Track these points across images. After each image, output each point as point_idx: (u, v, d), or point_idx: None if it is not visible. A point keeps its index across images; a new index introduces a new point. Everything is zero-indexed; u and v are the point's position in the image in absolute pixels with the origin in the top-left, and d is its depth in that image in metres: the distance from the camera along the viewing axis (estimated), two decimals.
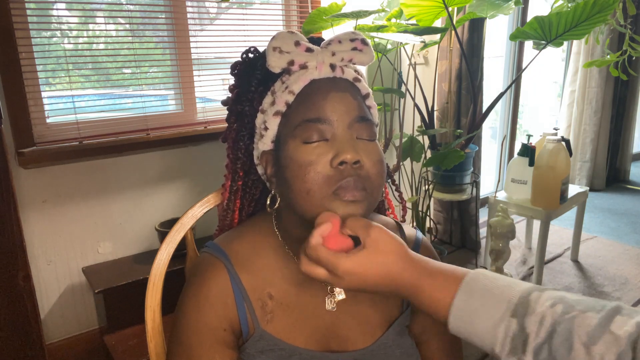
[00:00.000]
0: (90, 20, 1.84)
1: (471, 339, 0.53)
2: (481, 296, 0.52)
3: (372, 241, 0.55)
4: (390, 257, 0.54)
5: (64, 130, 1.72)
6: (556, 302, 0.49)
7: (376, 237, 0.55)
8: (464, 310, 0.52)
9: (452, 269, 0.55)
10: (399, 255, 0.55)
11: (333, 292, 0.67)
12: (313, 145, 0.59)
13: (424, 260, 0.56)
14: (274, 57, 0.61)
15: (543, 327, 0.48)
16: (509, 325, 0.49)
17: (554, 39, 1.79)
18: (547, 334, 0.48)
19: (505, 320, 0.50)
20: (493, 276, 0.53)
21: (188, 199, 2.01)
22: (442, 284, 0.54)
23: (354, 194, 0.58)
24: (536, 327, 0.48)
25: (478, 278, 0.53)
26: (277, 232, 0.68)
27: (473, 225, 2.61)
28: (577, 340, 0.46)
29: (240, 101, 0.67)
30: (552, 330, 0.47)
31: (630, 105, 3.77)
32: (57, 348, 1.79)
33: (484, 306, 0.51)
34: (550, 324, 0.48)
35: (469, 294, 0.52)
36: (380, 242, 0.55)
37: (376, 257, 0.54)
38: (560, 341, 0.47)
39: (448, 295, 0.53)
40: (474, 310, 0.51)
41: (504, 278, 0.53)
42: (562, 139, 2.12)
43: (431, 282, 0.54)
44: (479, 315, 0.51)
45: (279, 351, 0.64)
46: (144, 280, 1.68)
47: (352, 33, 0.65)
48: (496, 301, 0.51)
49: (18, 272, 1.29)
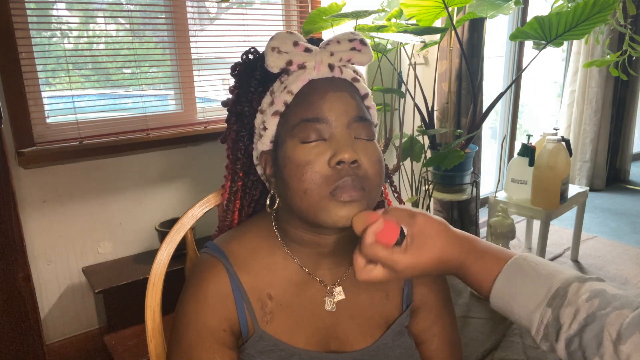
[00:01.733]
0: (91, 20, 1.84)
1: (512, 318, 0.55)
2: (521, 282, 0.53)
3: (420, 229, 0.57)
4: (439, 240, 0.57)
5: (64, 130, 1.72)
6: (594, 295, 0.49)
7: (422, 223, 0.57)
8: (504, 293, 0.54)
9: (499, 250, 0.58)
10: (446, 236, 0.58)
11: (332, 292, 0.67)
12: (311, 145, 0.59)
13: (472, 239, 0.59)
14: (273, 57, 0.61)
15: (576, 320, 0.49)
16: (544, 314, 0.51)
17: (554, 39, 1.79)
18: (579, 327, 0.49)
19: (541, 309, 0.51)
20: (535, 263, 0.55)
21: (188, 199, 2.01)
22: (486, 265, 0.56)
23: (352, 193, 0.58)
24: (570, 319, 0.49)
25: (521, 263, 0.55)
26: (276, 232, 0.68)
27: (473, 225, 2.61)
28: (607, 337, 0.47)
29: (240, 102, 0.67)
30: (585, 325, 0.48)
31: (630, 105, 3.77)
32: (57, 348, 1.79)
33: (523, 292, 0.53)
34: (584, 317, 0.49)
35: (509, 278, 0.54)
36: (427, 228, 0.57)
37: (427, 245, 0.57)
38: (591, 336, 0.48)
39: (490, 276, 0.56)
40: (513, 294, 0.54)
41: (546, 265, 0.55)
42: (562, 139, 2.12)
43: (477, 263, 0.57)
44: (517, 299, 0.53)
45: (279, 352, 0.64)
46: (144, 280, 1.68)
47: (351, 33, 0.65)
48: (535, 288, 0.53)
49: (18, 272, 1.29)
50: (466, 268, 0.57)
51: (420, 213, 0.58)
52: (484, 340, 1.77)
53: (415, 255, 0.56)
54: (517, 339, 1.79)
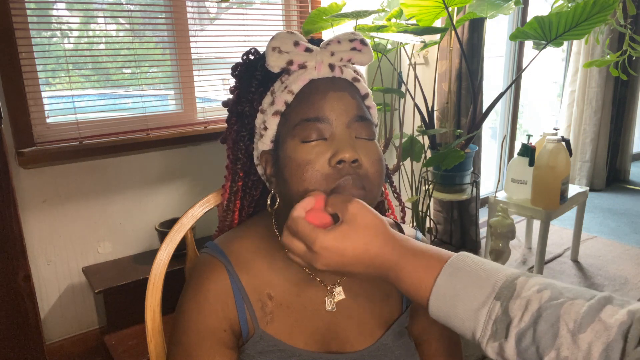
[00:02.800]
0: (91, 20, 1.84)
1: (451, 323, 0.50)
2: (465, 278, 0.49)
3: (351, 216, 0.53)
4: (369, 232, 0.52)
5: (64, 130, 1.72)
6: (543, 287, 0.47)
7: (354, 212, 0.53)
8: (446, 292, 0.49)
9: (436, 250, 0.53)
10: (378, 230, 0.53)
11: (333, 292, 0.67)
12: (312, 145, 0.59)
13: (406, 239, 0.54)
14: (273, 57, 0.61)
15: (528, 311, 0.46)
16: (492, 308, 0.47)
17: (554, 39, 1.79)
18: (532, 319, 0.45)
19: (489, 303, 0.47)
20: (479, 259, 0.51)
21: (188, 199, 2.01)
22: (425, 264, 0.51)
23: (352, 192, 0.58)
24: (521, 311, 0.46)
25: (463, 260, 0.51)
26: (277, 232, 0.68)
27: (473, 225, 2.61)
28: (563, 327, 0.44)
29: (241, 102, 0.68)
30: (538, 316, 0.45)
31: (630, 105, 3.77)
32: (57, 348, 1.79)
33: (468, 288, 0.49)
34: (536, 309, 0.45)
35: (452, 275, 0.50)
36: (359, 217, 0.53)
37: (354, 232, 0.52)
38: (545, 327, 0.44)
39: (430, 275, 0.50)
40: (456, 291, 0.49)
41: (489, 262, 0.51)
42: (562, 139, 2.12)
43: (413, 262, 0.52)
44: (461, 297, 0.49)
45: (279, 352, 0.64)
46: (144, 280, 1.68)
47: (351, 33, 0.65)
48: (481, 283, 0.48)
49: (18, 272, 1.29)
50: (399, 269, 0.52)
51: (357, 201, 0.54)
52: None
53: (338, 239, 0.51)
54: None
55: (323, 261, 0.52)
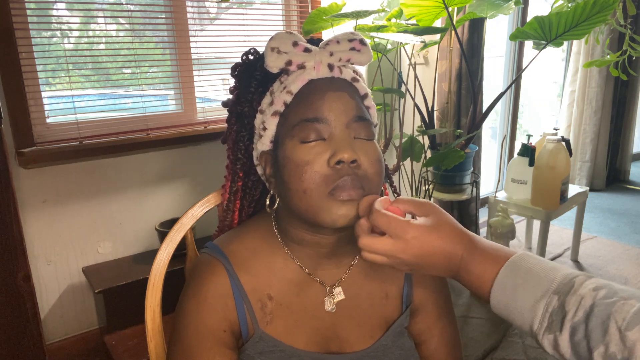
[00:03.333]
0: (91, 20, 1.84)
1: (510, 316, 0.53)
2: (525, 274, 0.52)
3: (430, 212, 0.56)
4: (448, 228, 0.56)
5: (64, 130, 1.72)
6: (600, 287, 0.49)
7: (434, 210, 0.57)
8: (507, 286, 0.53)
9: (501, 247, 0.56)
10: (455, 228, 0.56)
11: (332, 293, 0.67)
12: (310, 145, 0.59)
13: (475, 237, 0.57)
14: (272, 57, 0.61)
15: (582, 306, 0.48)
16: (550, 301, 0.50)
17: (554, 39, 1.79)
18: (584, 314, 0.47)
19: (547, 296, 0.50)
20: (540, 259, 0.54)
21: (188, 199, 2.01)
22: (490, 259, 0.55)
23: (351, 193, 0.58)
24: (575, 306, 0.48)
25: (525, 257, 0.54)
26: (276, 232, 0.68)
27: (473, 225, 2.61)
28: (612, 324, 0.45)
29: (240, 102, 0.68)
30: (590, 312, 0.47)
31: (630, 105, 3.77)
32: (57, 348, 1.79)
33: (528, 283, 0.52)
34: (590, 305, 0.47)
35: (513, 271, 0.53)
36: (438, 214, 0.56)
37: (439, 227, 0.55)
38: (596, 323, 0.46)
39: (494, 270, 0.54)
40: (517, 285, 0.52)
41: (549, 262, 0.54)
42: (562, 139, 2.12)
43: (480, 257, 0.55)
44: (521, 291, 0.52)
45: (279, 352, 0.64)
46: (144, 280, 1.69)
47: (351, 33, 0.65)
48: (540, 279, 0.51)
49: (18, 272, 1.29)
50: (467, 263, 0.55)
51: (427, 202, 0.58)
52: (484, 340, 1.77)
53: (427, 230, 0.54)
54: (517, 339, 1.79)
55: (412, 251, 0.54)
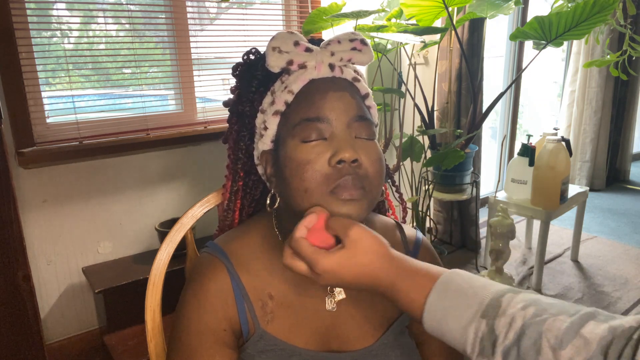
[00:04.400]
0: (91, 20, 1.84)
1: (445, 339, 0.52)
2: (454, 296, 0.51)
3: (351, 241, 0.55)
4: (368, 257, 0.54)
5: (64, 130, 1.72)
6: (528, 304, 0.48)
7: (355, 237, 0.55)
8: (437, 310, 0.51)
9: (429, 268, 0.55)
10: (377, 254, 0.55)
11: (333, 292, 0.67)
12: (312, 144, 0.59)
13: (403, 259, 0.56)
14: (273, 57, 0.61)
15: (512, 329, 0.47)
16: (478, 326, 0.49)
17: (554, 39, 1.79)
18: (515, 336, 0.47)
19: (475, 321, 0.49)
20: (468, 277, 0.53)
21: (188, 199, 2.01)
22: (418, 283, 0.53)
23: (352, 192, 0.58)
24: (505, 328, 0.47)
25: (452, 278, 0.52)
26: (277, 232, 0.68)
27: (473, 225, 2.61)
28: (545, 344, 0.45)
29: (241, 102, 0.68)
30: (521, 333, 0.46)
31: (630, 105, 3.77)
32: (57, 348, 1.79)
33: (456, 306, 0.50)
34: (520, 326, 0.47)
35: (442, 294, 0.52)
36: (359, 242, 0.55)
37: (354, 257, 0.54)
38: (529, 344, 0.46)
39: (423, 294, 0.53)
40: (446, 309, 0.51)
41: (479, 279, 0.53)
42: (562, 139, 2.12)
43: (408, 282, 0.54)
44: (450, 315, 0.51)
45: (279, 351, 0.64)
46: (144, 280, 1.69)
47: (352, 33, 0.65)
48: (468, 302, 0.50)
49: (18, 272, 1.29)
50: (396, 289, 0.54)
51: (358, 226, 0.56)
52: None
53: (339, 264, 0.54)
54: None
55: (324, 282, 0.55)
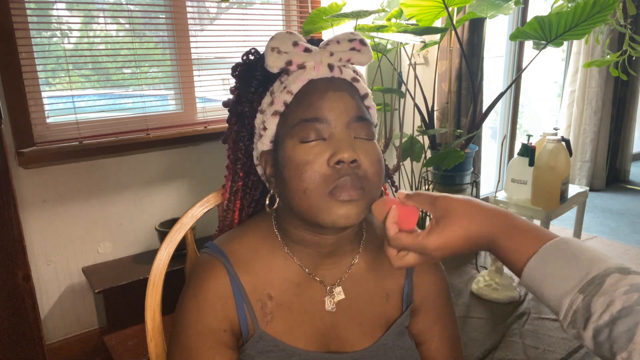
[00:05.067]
0: (91, 20, 1.84)
1: (539, 297, 0.53)
2: (557, 263, 0.51)
3: (442, 211, 0.57)
4: (465, 219, 0.56)
5: (64, 130, 1.72)
6: (633, 290, 0.47)
7: (445, 205, 0.57)
8: (537, 272, 0.52)
9: (540, 230, 0.55)
10: (473, 212, 0.56)
11: (332, 292, 0.67)
12: (311, 145, 0.59)
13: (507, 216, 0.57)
14: (272, 57, 0.61)
15: (609, 310, 0.47)
16: (574, 299, 0.49)
17: (554, 39, 1.79)
18: (610, 319, 0.46)
19: (572, 294, 0.49)
20: (579, 247, 0.52)
21: (188, 199, 2.01)
22: (524, 241, 0.54)
23: (351, 193, 0.58)
24: (602, 308, 0.47)
25: (562, 245, 0.53)
26: (276, 232, 0.68)
27: None
28: (638, 334, 0.44)
29: (241, 102, 0.68)
30: (617, 317, 0.46)
31: (630, 105, 3.77)
32: (57, 348, 1.79)
33: (557, 274, 0.51)
34: (618, 310, 0.46)
35: (546, 258, 0.52)
36: (450, 209, 0.56)
37: (451, 225, 0.56)
38: (622, 329, 0.45)
39: (527, 252, 0.53)
40: (545, 275, 0.51)
41: (590, 251, 0.52)
42: (562, 139, 2.11)
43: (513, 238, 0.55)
44: (549, 282, 0.51)
45: (279, 352, 0.64)
46: (144, 280, 1.68)
47: (351, 34, 0.65)
48: (570, 272, 0.50)
49: (18, 272, 1.29)
50: (499, 244, 0.55)
51: (442, 195, 0.58)
52: (484, 340, 1.77)
53: (440, 236, 0.56)
54: (517, 339, 1.79)
55: (437, 256, 0.57)
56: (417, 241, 0.56)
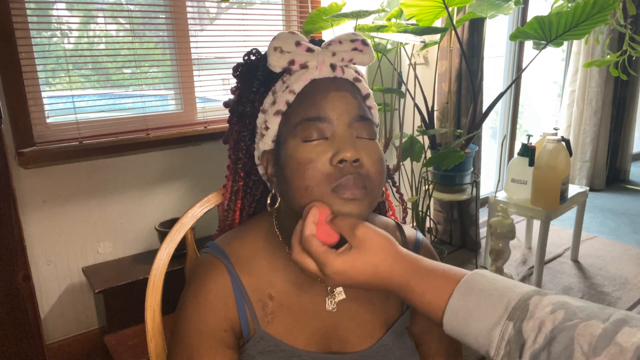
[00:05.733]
0: (91, 20, 1.84)
1: (465, 340, 0.51)
2: (478, 297, 0.50)
3: (359, 241, 0.55)
4: (379, 256, 0.54)
5: (64, 130, 1.72)
6: (557, 307, 0.46)
7: (363, 236, 0.55)
8: (460, 311, 0.50)
9: (448, 268, 0.54)
10: (387, 253, 0.54)
11: (333, 292, 0.67)
12: (313, 144, 0.59)
13: (416, 259, 0.55)
14: (275, 57, 0.61)
15: (542, 333, 0.45)
16: (505, 328, 0.47)
17: (554, 39, 1.79)
18: (545, 341, 0.45)
19: (502, 323, 0.48)
20: (492, 277, 0.51)
21: (188, 199, 2.01)
22: (436, 283, 0.52)
23: (354, 192, 0.58)
24: (534, 332, 0.46)
25: (476, 279, 0.51)
26: (277, 232, 0.68)
27: (473, 225, 2.61)
28: (578, 350, 0.43)
29: (242, 102, 0.68)
30: (552, 337, 0.45)
31: (630, 105, 3.77)
32: (57, 348, 1.79)
33: (481, 307, 0.49)
34: (550, 330, 0.45)
35: (466, 295, 0.50)
36: (367, 241, 0.55)
37: (364, 257, 0.54)
38: (559, 349, 0.44)
39: (443, 295, 0.51)
40: (470, 310, 0.49)
41: (503, 280, 0.51)
42: (562, 139, 2.12)
43: (424, 282, 0.53)
44: (475, 316, 0.49)
45: (280, 352, 0.64)
46: (144, 280, 1.68)
47: (353, 34, 0.65)
48: (494, 303, 0.49)
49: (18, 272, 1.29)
50: (410, 289, 0.53)
51: (364, 225, 0.56)
52: None
53: (349, 264, 0.54)
54: None
55: (333, 283, 0.55)
56: (324, 254, 0.54)
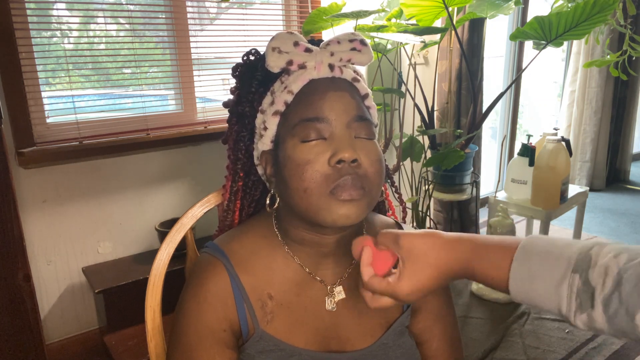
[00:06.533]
0: (91, 20, 1.84)
1: (535, 302, 0.51)
2: (539, 258, 0.50)
3: (407, 252, 0.55)
4: (431, 255, 0.55)
5: (64, 130, 1.72)
6: (619, 252, 0.46)
7: (408, 245, 0.55)
8: (524, 276, 0.50)
9: (500, 240, 0.54)
10: (436, 249, 0.55)
11: (333, 292, 0.67)
12: (311, 144, 0.59)
13: (468, 240, 0.55)
14: (273, 57, 0.61)
15: (609, 277, 0.45)
16: (572, 281, 0.47)
17: (554, 39, 1.79)
18: (614, 284, 0.45)
19: (568, 276, 0.48)
20: (548, 238, 0.52)
21: (188, 199, 2.01)
22: (495, 257, 0.53)
23: (352, 192, 0.58)
24: (602, 278, 0.46)
25: (533, 242, 0.52)
26: (277, 232, 0.68)
27: (473, 225, 2.61)
28: None
29: (241, 102, 0.68)
30: (619, 279, 0.45)
31: (630, 105, 3.77)
32: (57, 348, 1.79)
33: (544, 267, 0.49)
34: (616, 273, 0.45)
35: (526, 260, 0.51)
36: (414, 248, 0.55)
37: (419, 265, 0.55)
38: (629, 288, 0.44)
39: (504, 266, 0.52)
40: (533, 273, 0.50)
41: (560, 239, 0.51)
42: (562, 139, 2.11)
43: (483, 260, 0.53)
44: (539, 277, 0.49)
45: (279, 352, 0.64)
46: (144, 280, 1.68)
47: (351, 34, 0.65)
48: (556, 261, 0.49)
49: (18, 272, 1.29)
50: (471, 269, 0.54)
51: (403, 234, 0.56)
52: (484, 340, 1.77)
53: (411, 278, 0.55)
54: (517, 339, 1.79)
55: (412, 300, 0.56)
56: (389, 287, 0.55)
